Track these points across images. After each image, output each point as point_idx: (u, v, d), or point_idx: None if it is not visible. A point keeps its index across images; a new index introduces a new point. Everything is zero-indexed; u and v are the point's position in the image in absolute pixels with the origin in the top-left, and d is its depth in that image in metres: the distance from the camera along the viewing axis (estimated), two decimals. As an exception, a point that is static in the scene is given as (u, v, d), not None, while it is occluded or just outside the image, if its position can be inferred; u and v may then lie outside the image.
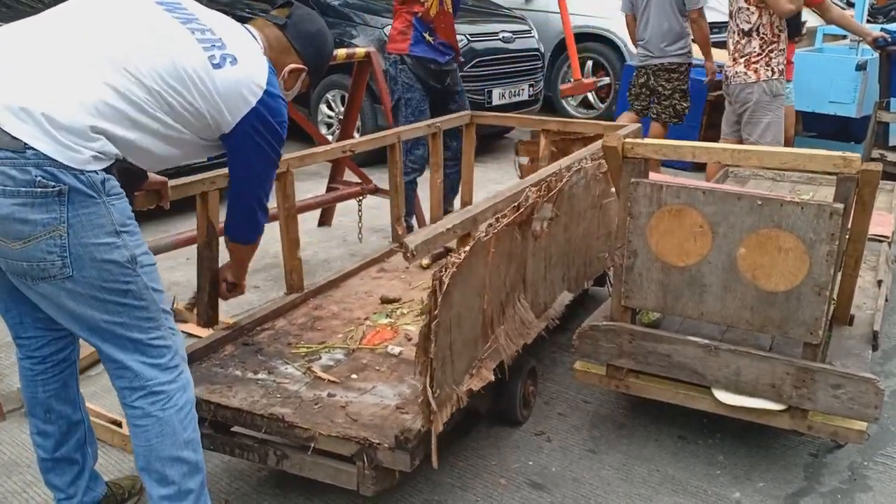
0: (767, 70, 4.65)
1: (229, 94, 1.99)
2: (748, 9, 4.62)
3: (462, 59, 4.71)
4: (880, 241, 3.56)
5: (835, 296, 2.69)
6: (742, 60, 4.71)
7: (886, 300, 3.12)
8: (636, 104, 5.64)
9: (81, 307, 1.87)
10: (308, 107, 6.59)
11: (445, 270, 2.06)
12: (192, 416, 2.04)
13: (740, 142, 4.82)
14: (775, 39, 4.62)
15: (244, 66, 2.03)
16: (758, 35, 4.62)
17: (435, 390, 2.12)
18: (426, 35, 4.31)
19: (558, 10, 7.18)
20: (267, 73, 2.08)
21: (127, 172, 1.94)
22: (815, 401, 2.42)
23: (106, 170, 1.84)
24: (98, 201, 1.82)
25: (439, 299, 2.04)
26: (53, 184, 1.76)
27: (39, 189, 1.75)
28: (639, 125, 3.76)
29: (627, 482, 2.63)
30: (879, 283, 3.19)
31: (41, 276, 1.83)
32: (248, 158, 2.12)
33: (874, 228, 3.17)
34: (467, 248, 2.18)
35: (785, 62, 4.73)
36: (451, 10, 4.37)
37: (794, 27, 4.74)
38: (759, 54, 4.65)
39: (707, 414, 2.69)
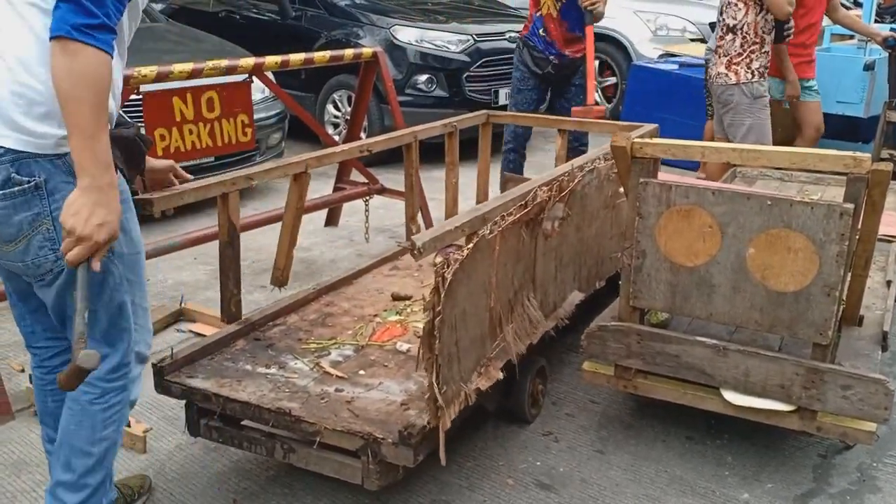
0: (748, 72, 4.57)
1: None
2: (736, 4, 4.54)
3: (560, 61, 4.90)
4: (890, 242, 3.55)
5: (844, 296, 2.68)
6: (724, 60, 4.62)
7: (896, 301, 3.11)
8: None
9: (63, 297, 1.85)
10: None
11: (448, 267, 2.07)
12: (118, 417, 1.99)
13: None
14: (758, 41, 4.53)
15: None
16: (741, 33, 4.54)
17: (441, 387, 2.12)
18: (541, 31, 4.87)
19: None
20: None
21: (121, 143, 1.86)
22: (824, 401, 2.41)
23: None
24: (74, 184, 1.71)
25: (442, 296, 2.05)
26: (27, 178, 1.73)
27: (17, 188, 1.73)
28: (654, 126, 3.72)
29: (635, 483, 2.62)
30: (889, 283, 3.18)
31: (38, 274, 1.81)
32: None
33: (884, 229, 3.16)
34: (471, 245, 2.18)
35: (767, 64, 4.69)
36: (560, 18, 4.79)
37: (780, 30, 4.69)
38: (739, 55, 4.57)
39: (715, 415, 2.69)
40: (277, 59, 3.95)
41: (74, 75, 1.64)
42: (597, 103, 4.95)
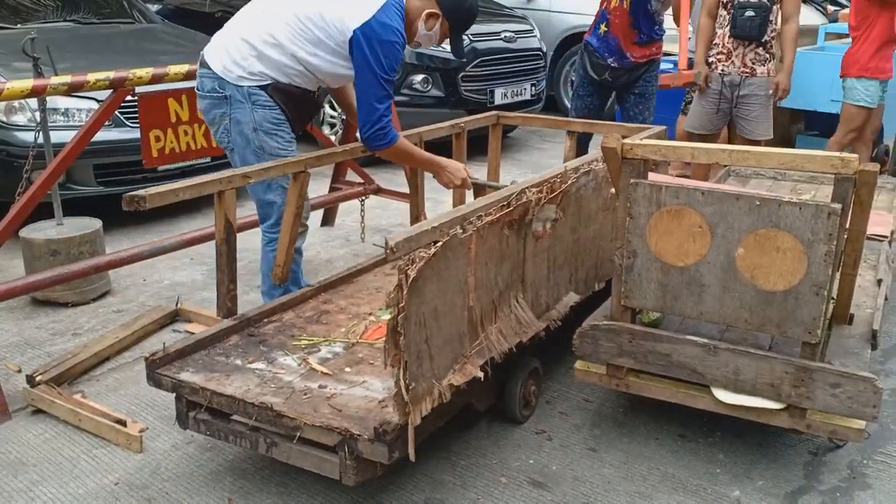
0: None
1: (343, 17, 2.95)
2: None
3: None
4: (880, 241, 3.57)
5: (834, 295, 2.70)
6: None
7: (886, 299, 3.13)
8: None
9: (234, 163, 3.20)
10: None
11: (412, 264, 2.08)
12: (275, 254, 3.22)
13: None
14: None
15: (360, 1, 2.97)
16: None
17: (409, 383, 2.14)
18: (602, 25, 4.67)
19: (560, 10, 7.16)
20: (380, 7, 2.93)
21: (289, 97, 3.10)
22: (813, 400, 2.43)
23: (260, 87, 3.04)
24: (246, 105, 3.05)
25: (405, 293, 2.06)
26: (221, 90, 3.06)
27: (216, 94, 3.07)
28: (662, 128, 3.74)
29: (628, 480, 2.64)
30: (879, 282, 3.19)
31: (223, 146, 3.20)
32: (359, 67, 2.97)
33: (872, 228, 3.18)
34: (439, 243, 2.19)
35: (718, 56, 4.89)
36: (628, 10, 4.56)
37: (734, 24, 4.77)
38: None
39: (707, 413, 2.71)
40: (272, 60, 3.95)
41: (393, 156, 3.30)
42: (690, 67, 4.88)
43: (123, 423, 2.81)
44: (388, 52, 2.94)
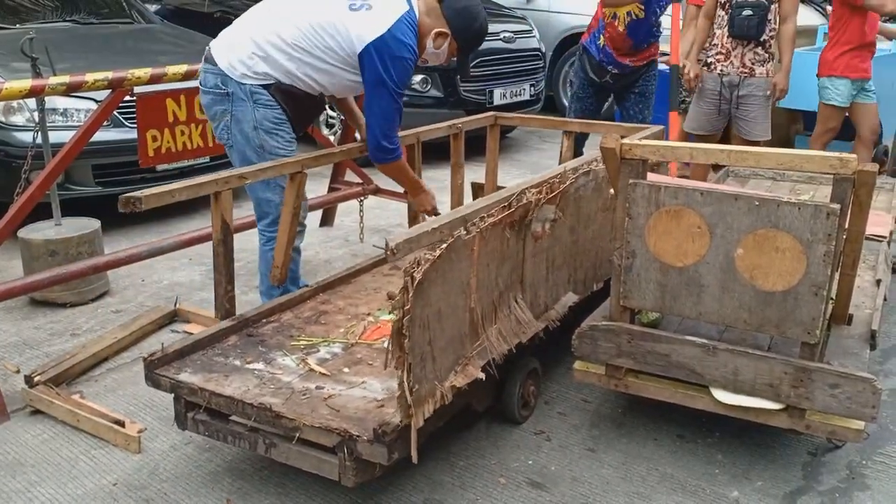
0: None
1: (357, 30, 2.94)
2: None
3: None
4: (879, 241, 3.57)
5: (833, 295, 2.70)
6: None
7: (885, 299, 3.13)
8: None
9: (233, 159, 3.22)
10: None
11: (418, 266, 2.08)
12: (273, 252, 3.19)
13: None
14: (710, 35, 4.97)
15: (375, 13, 2.96)
16: None
17: (413, 385, 2.13)
18: (601, 37, 4.75)
19: (559, 10, 7.12)
20: (394, 22, 2.93)
21: (291, 97, 3.09)
22: (812, 400, 2.43)
23: (263, 86, 3.03)
24: (247, 103, 3.05)
25: (410, 295, 2.06)
26: (224, 87, 3.06)
27: (218, 90, 3.07)
28: (659, 128, 3.75)
29: (626, 481, 2.64)
30: (878, 282, 3.20)
31: (223, 142, 3.20)
32: (370, 80, 2.99)
33: (871, 229, 3.17)
34: (444, 245, 2.19)
35: (717, 57, 4.91)
36: (624, 30, 4.63)
37: (731, 24, 4.77)
38: None
39: (706, 413, 2.71)
40: (271, 60, 3.95)
41: (389, 171, 3.30)
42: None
43: (122, 424, 2.80)
44: (400, 67, 2.96)
